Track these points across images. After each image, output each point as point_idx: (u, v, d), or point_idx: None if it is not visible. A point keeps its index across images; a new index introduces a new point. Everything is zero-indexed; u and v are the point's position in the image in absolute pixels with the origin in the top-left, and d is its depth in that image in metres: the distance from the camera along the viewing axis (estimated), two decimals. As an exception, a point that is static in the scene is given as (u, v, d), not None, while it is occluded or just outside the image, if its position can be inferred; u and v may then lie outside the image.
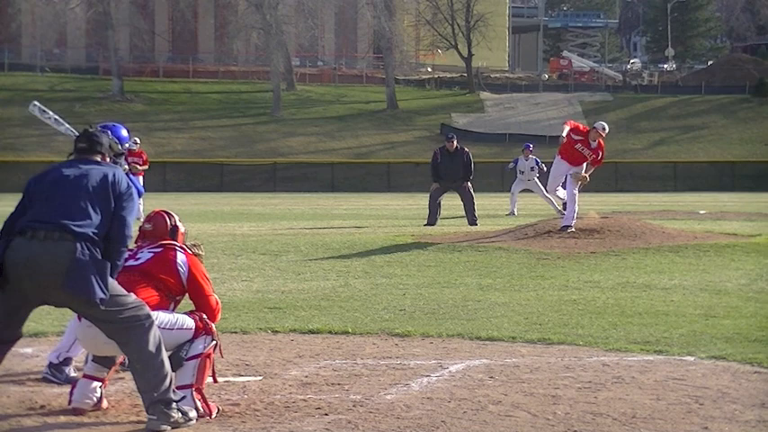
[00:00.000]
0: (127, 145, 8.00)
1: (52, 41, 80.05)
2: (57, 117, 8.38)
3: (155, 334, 6.35)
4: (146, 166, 26.30)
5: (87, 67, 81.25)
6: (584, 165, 18.48)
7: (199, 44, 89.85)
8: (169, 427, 6.29)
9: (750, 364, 8.34)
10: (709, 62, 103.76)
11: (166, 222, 7.10)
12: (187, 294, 6.99)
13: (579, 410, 6.81)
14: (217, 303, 7.02)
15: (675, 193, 57.07)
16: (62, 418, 6.66)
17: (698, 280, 13.80)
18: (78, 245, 6.08)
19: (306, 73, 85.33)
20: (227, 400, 7.11)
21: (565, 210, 28.56)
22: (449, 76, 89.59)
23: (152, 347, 6.31)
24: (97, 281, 6.10)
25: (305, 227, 23.04)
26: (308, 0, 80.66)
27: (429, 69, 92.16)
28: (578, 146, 18.25)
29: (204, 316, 6.88)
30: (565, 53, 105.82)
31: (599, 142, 18.34)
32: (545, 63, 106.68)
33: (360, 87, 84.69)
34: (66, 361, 7.70)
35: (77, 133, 6.84)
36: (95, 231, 6.16)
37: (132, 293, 6.42)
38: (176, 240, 7.05)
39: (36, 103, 8.57)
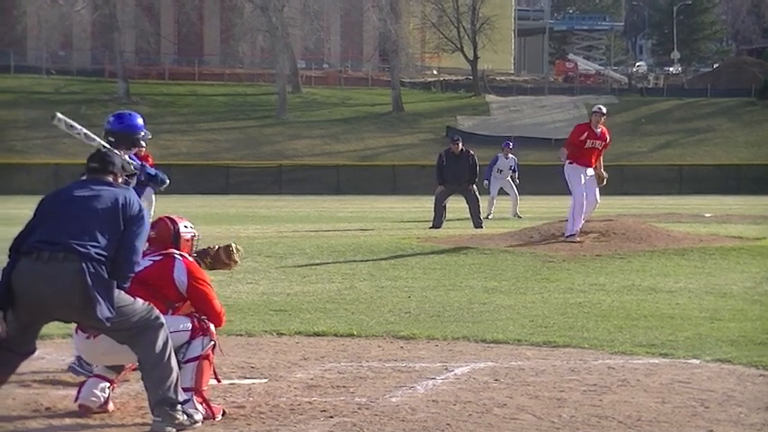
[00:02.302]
0: (142, 133, 7.84)
1: (57, 44, 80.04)
2: (87, 132, 7.15)
3: (164, 333, 6.39)
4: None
5: (93, 70, 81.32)
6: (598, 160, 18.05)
7: (204, 46, 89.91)
8: (174, 430, 6.30)
9: (755, 367, 8.34)
10: (715, 65, 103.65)
11: (169, 229, 7.07)
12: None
13: (584, 413, 6.81)
14: (221, 308, 7.00)
15: (680, 196, 57.00)
16: (67, 420, 6.67)
17: (703, 283, 13.78)
18: (83, 264, 6.11)
19: (311, 75, 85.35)
20: (233, 402, 7.11)
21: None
22: (454, 78, 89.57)
23: (160, 347, 6.35)
24: (103, 300, 6.14)
25: (310, 229, 23.03)
26: (313, 2, 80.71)
27: (434, 72, 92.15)
28: (587, 143, 17.71)
29: (202, 316, 6.86)
30: (570, 56, 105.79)
31: (602, 127, 17.97)
32: (550, 66, 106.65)
33: (365, 90, 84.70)
34: None
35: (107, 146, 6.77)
36: (101, 252, 6.18)
37: (139, 298, 6.42)
38: (179, 247, 7.03)
39: (59, 114, 6.97)
